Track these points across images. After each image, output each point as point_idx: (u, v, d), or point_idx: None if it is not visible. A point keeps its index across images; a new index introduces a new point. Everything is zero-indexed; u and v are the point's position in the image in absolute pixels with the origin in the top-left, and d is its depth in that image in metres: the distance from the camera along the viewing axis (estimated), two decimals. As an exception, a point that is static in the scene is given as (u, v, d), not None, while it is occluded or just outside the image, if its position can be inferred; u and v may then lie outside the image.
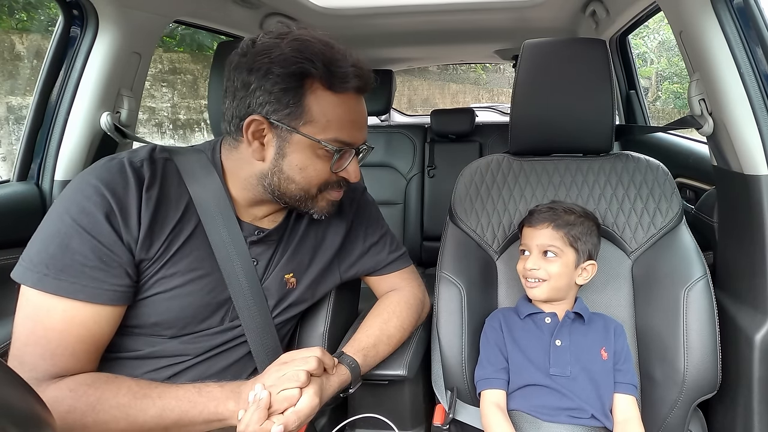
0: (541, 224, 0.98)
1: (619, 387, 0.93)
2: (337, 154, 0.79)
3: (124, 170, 0.76)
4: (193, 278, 0.80)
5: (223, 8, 1.50)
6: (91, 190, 0.73)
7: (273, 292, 0.89)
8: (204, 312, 0.83)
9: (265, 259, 0.88)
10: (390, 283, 1.05)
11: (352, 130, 0.79)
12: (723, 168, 1.04)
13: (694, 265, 0.98)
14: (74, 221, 0.71)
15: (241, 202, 0.85)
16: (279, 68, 0.73)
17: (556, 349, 0.94)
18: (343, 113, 0.77)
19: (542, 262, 0.96)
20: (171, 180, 0.80)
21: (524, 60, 1.11)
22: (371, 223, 1.03)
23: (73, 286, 0.71)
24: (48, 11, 4.36)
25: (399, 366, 0.96)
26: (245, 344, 0.87)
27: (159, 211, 0.77)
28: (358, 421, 0.92)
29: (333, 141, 0.77)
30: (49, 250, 0.71)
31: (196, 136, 5.39)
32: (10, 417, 0.34)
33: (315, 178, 0.80)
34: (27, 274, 0.71)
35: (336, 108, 0.77)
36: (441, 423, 0.96)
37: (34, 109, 1.24)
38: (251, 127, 0.76)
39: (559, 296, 0.98)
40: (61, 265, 0.70)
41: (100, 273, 0.72)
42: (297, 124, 0.76)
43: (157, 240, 0.77)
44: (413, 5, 1.70)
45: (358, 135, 0.81)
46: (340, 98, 0.77)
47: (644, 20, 1.70)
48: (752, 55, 0.93)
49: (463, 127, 2.40)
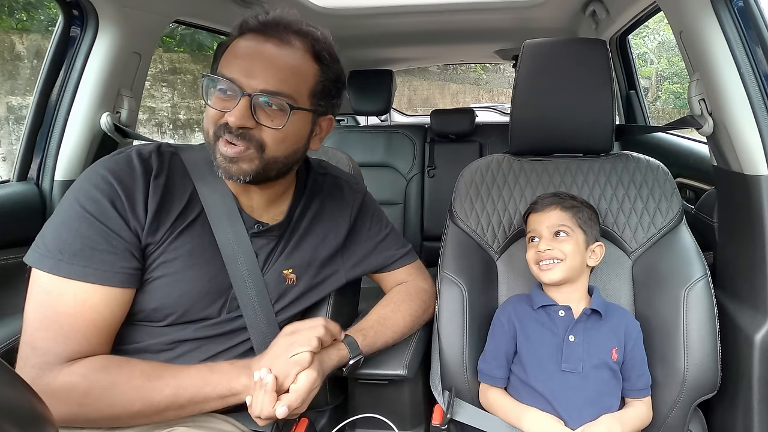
0: (549, 207, 0.99)
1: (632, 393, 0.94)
2: (221, 89, 0.76)
3: (132, 161, 0.80)
4: (193, 264, 0.82)
5: (223, 8, 1.50)
6: (98, 178, 0.77)
7: (272, 287, 0.89)
8: (203, 301, 0.83)
9: (264, 253, 0.89)
10: (398, 279, 1.07)
11: (235, 65, 0.76)
12: (723, 168, 1.04)
13: (694, 265, 0.98)
14: (83, 208, 0.75)
15: (237, 195, 0.87)
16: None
17: (569, 344, 0.94)
18: (234, 50, 0.78)
19: (554, 242, 0.96)
20: (177, 171, 0.84)
21: (524, 60, 1.11)
22: (375, 222, 1.04)
23: (84, 270, 0.73)
24: (48, 11, 4.37)
25: (399, 366, 0.96)
26: (247, 341, 0.88)
27: (165, 198, 0.80)
28: (358, 421, 0.92)
29: (217, 75, 0.77)
30: (62, 236, 0.74)
31: (196, 136, 5.39)
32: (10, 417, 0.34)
33: (208, 117, 0.80)
34: (43, 260, 0.73)
35: (233, 48, 0.78)
36: (439, 423, 0.96)
37: (34, 109, 1.24)
38: None
39: (573, 277, 0.97)
40: (73, 250, 0.73)
41: (109, 256, 0.75)
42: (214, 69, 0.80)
43: (163, 225, 0.80)
44: (413, 5, 1.70)
45: (244, 72, 0.75)
46: (240, 39, 0.79)
47: (644, 20, 1.70)
48: (752, 55, 0.93)
49: (463, 127, 2.40)
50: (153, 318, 0.81)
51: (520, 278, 1.11)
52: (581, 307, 0.97)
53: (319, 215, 0.96)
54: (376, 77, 2.48)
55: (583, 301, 0.98)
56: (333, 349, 0.86)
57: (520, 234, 1.13)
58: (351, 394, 1.02)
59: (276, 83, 0.76)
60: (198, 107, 5.37)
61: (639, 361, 0.95)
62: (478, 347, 1.01)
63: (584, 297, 0.99)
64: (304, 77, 0.79)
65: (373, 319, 0.97)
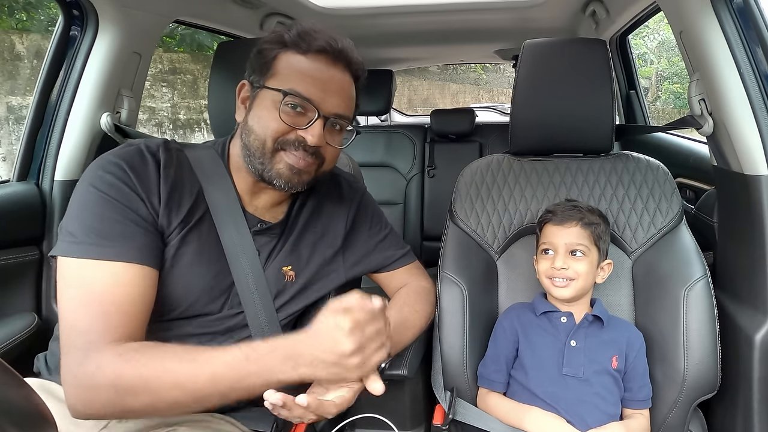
0: (569, 222, 0.97)
1: (632, 404, 0.94)
2: (291, 105, 0.80)
3: (142, 151, 0.81)
4: (200, 261, 0.82)
5: (223, 8, 1.50)
6: (111, 165, 0.77)
7: (272, 283, 0.90)
8: (207, 296, 0.84)
9: (266, 251, 0.90)
10: (399, 279, 1.07)
11: (311, 86, 0.80)
12: (723, 168, 1.04)
13: (694, 265, 0.98)
14: (100, 191, 0.75)
15: (244, 194, 0.88)
16: (264, 42, 0.84)
17: (570, 349, 0.94)
18: (304, 68, 0.81)
19: (570, 261, 0.95)
20: (184, 167, 0.85)
21: (524, 60, 1.11)
22: (375, 222, 1.05)
23: (114, 249, 0.73)
24: (48, 11, 4.36)
25: (399, 366, 0.96)
26: (248, 337, 0.88)
27: (175, 189, 0.81)
28: (358, 421, 0.92)
29: (291, 90, 0.79)
30: (85, 222, 0.74)
31: (196, 136, 5.38)
32: (10, 417, 0.34)
33: (271, 129, 0.81)
34: (72, 247, 0.73)
35: (299, 63, 0.81)
36: (440, 423, 0.96)
37: (34, 109, 1.24)
38: (240, 92, 0.86)
39: (582, 295, 0.97)
40: (100, 232, 0.73)
41: (137, 234, 0.75)
42: (264, 80, 0.82)
43: (175, 217, 0.80)
44: (413, 5, 1.70)
45: (320, 94, 0.81)
46: (306, 57, 0.82)
47: (644, 20, 1.70)
48: (752, 55, 0.93)
49: (463, 127, 2.40)
50: (158, 311, 0.80)
51: (520, 278, 1.11)
52: (582, 315, 0.97)
53: (317, 212, 0.97)
54: (376, 77, 2.48)
55: (586, 310, 0.99)
56: None
57: (521, 234, 1.13)
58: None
59: (344, 108, 0.84)
60: (198, 107, 5.36)
61: (641, 372, 0.95)
62: (478, 347, 1.01)
63: (587, 307, 1.00)
64: (354, 101, 0.89)
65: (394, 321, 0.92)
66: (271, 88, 0.81)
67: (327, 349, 0.68)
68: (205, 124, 5.43)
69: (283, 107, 0.79)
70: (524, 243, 1.12)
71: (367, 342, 0.70)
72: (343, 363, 0.68)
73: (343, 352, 0.67)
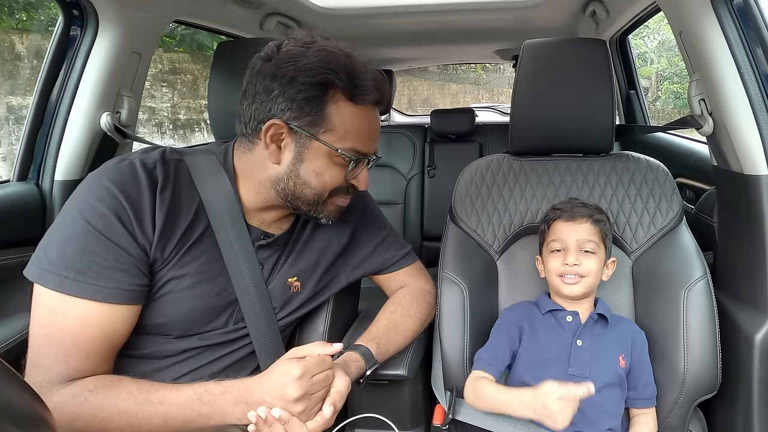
0: (580, 218, 0.97)
1: (638, 403, 0.94)
2: (354, 162, 0.81)
3: (136, 172, 0.76)
4: (201, 281, 0.81)
5: (223, 8, 1.50)
6: (103, 191, 0.74)
7: (277, 295, 0.90)
8: (210, 314, 0.83)
9: (270, 264, 0.89)
10: (399, 281, 1.07)
11: (367, 141, 0.82)
12: (723, 168, 1.04)
13: (694, 265, 0.98)
14: (88, 223, 0.72)
15: (250, 206, 0.86)
16: (304, 77, 0.75)
17: (576, 348, 0.94)
18: (360, 124, 0.80)
19: (581, 257, 0.95)
20: (183, 181, 0.82)
21: (524, 60, 1.11)
22: (375, 224, 1.05)
23: (92, 288, 0.71)
24: (48, 11, 4.36)
25: (399, 366, 0.96)
26: (249, 345, 0.88)
27: (172, 212, 0.78)
28: (358, 421, 0.92)
29: (350, 150, 0.80)
30: (67, 253, 0.71)
31: (196, 136, 5.38)
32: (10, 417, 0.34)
33: (329, 183, 0.82)
34: (48, 276, 0.71)
35: (355, 119, 0.80)
36: (440, 423, 0.95)
37: (34, 109, 1.23)
38: (270, 130, 0.78)
39: (591, 293, 0.97)
40: (80, 267, 0.71)
41: (119, 273, 0.73)
42: (317, 132, 0.78)
43: (171, 241, 0.78)
44: (413, 5, 1.70)
45: (372, 146, 0.85)
46: (359, 110, 0.80)
47: (644, 20, 1.70)
48: (752, 55, 0.93)
49: (463, 127, 2.39)
50: (160, 332, 0.81)
51: (521, 278, 1.11)
52: (587, 314, 0.97)
53: None
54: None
55: (590, 309, 0.99)
56: (351, 362, 0.86)
57: (521, 234, 1.13)
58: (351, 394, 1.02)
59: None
60: (198, 107, 5.36)
61: (645, 370, 0.95)
62: (478, 347, 1.01)
63: (591, 306, 1.00)
64: None
65: (383, 325, 0.96)
66: (328, 145, 0.78)
67: (275, 394, 0.72)
68: (205, 124, 5.43)
69: (338, 160, 0.81)
70: (524, 243, 1.12)
71: (313, 388, 0.74)
72: (288, 408, 0.71)
73: (288, 398, 0.71)
